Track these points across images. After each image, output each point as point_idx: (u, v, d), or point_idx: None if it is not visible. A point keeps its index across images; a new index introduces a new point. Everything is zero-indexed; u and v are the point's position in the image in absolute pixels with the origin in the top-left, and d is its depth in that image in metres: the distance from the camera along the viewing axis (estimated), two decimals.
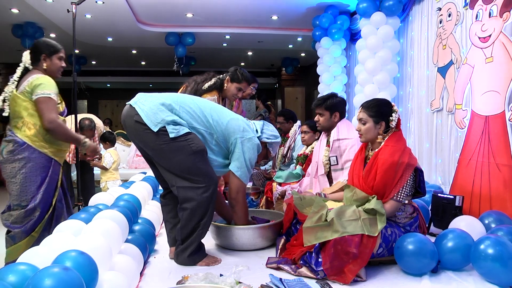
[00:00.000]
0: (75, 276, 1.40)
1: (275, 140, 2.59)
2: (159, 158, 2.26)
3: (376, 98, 2.46)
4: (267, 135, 2.56)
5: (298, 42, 7.64)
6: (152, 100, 2.26)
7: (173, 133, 2.18)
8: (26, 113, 2.48)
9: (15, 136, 2.47)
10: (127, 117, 2.27)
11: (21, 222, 2.46)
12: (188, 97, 2.40)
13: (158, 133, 2.18)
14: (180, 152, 2.19)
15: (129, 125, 2.27)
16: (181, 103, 2.29)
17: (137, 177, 4.24)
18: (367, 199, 2.27)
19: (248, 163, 2.38)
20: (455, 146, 3.46)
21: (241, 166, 2.36)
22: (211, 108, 2.36)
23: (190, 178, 2.22)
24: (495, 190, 2.88)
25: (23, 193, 2.46)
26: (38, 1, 5.10)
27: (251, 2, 5.49)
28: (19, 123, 2.48)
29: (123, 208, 2.48)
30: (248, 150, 2.36)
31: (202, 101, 2.40)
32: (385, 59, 4.55)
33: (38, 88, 2.45)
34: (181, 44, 6.99)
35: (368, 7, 4.63)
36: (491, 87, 2.95)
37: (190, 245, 2.27)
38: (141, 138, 2.25)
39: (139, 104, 2.25)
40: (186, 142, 2.20)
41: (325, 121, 3.03)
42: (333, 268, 2.04)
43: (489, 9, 2.99)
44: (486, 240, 2.03)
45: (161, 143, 2.18)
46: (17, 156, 2.45)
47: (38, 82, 2.47)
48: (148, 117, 2.19)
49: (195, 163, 2.21)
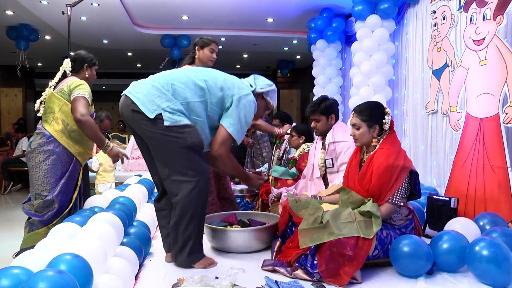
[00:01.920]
0: (69, 280, 1.39)
1: (270, 88, 2.49)
2: (155, 147, 2.22)
3: (368, 102, 2.46)
4: (261, 86, 2.48)
5: (294, 44, 7.66)
6: (146, 86, 2.24)
7: (168, 121, 2.15)
8: (58, 109, 2.72)
9: (44, 129, 2.71)
10: (124, 107, 2.25)
11: (41, 212, 2.62)
12: (179, 72, 2.36)
13: (155, 120, 2.15)
14: (175, 143, 2.16)
15: (126, 115, 2.24)
16: (172, 80, 2.25)
17: (132, 180, 4.23)
18: (363, 201, 2.27)
19: (243, 120, 2.29)
20: (450, 148, 3.48)
21: (234, 123, 2.27)
22: (204, 74, 2.33)
23: (182, 172, 2.19)
24: (489, 192, 2.89)
25: (44, 184, 2.64)
26: (33, 3, 5.08)
27: (246, 4, 5.50)
28: (50, 117, 2.73)
29: (118, 211, 2.47)
30: (244, 107, 2.29)
31: (193, 71, 2.36)
32: (381, 62, 4.57)
33: (76, 89, 2.72)
34: (177, 46, 6.99)
35: (363, 10, 4.66)
36: (485, 90, 2.97)
37: (187, 243, 2.23)
38: (139, 127, 2.22)
39: (133, 92, 2.23)
40: (182, 134, 2.17)
41: (323, 126, 3.02)
42: (328, 270, 2.04)
43: (483, 12, 3.01)
44: (481, 241, 2.04)
45: (157, 131, 2.15)
46: (43, 148, 2.65)
47: (77, 84, 2.75)
48: (144, 104, 2.17)
49: (188, 156, 2.18)
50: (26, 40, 6.23)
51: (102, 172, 4.59)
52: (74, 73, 2.87)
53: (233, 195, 3.27)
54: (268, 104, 2.52)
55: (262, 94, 2.48)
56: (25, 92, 9.36)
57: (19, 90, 9.30)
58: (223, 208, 3.17)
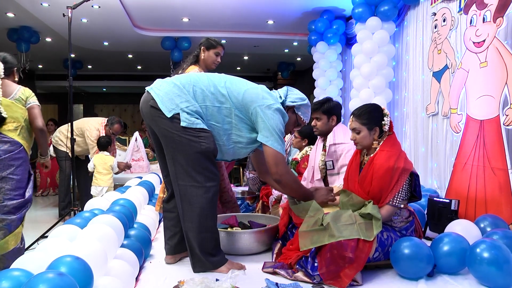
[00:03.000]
0: (70, 282, 1.39)
1: (302, 103, 2.40)
2: (169, 146, 2.19)
3: (366, 105, 2.45)
4: (292, 99, 2.38)
5: (294, 46, 7.66)
6: (168, 84, 2.23)
7: (185, 122, 2.12)
8: (23, 119, 2.81)
9: (10, 138, 2.75)
10: (144, 103, 2.24)
11: (16, 211, 2.70)
12: (204, 75, 2.34)
13: (172, 119, 2.13)
14: (188, 146, 2.13)
15: (145, 111, 2.23)
16: (195, 82, 2.24)
17: (133, 182, 4.23)
18: (363, 203, 2.27)
19: (277, 130, 2.19)
20: (450, 150, 3.48)
21: (269, 135, 2.19)
22: (226, 81, 2.28)
23: (193, 176, 2.15)
24: (490, 194, 2.89)
25: (19, 188, 2.75)
26: (34, 5, 5.09)
27: (247, 6, 5.51)
28: (14, 126, 2.77)
29: (119, 213, 2.47)
30: (272, 116, 2.19)
31: (216, 76, 2.33)
32: (381, 64, 4.57)
33: (31, 97, 2.88)
34: (177, 48, 7.00)
35: (363, 12, 4.66)
36: (486, 92, 2.97)
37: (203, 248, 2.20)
38: (155, 123, 2.20)
39: (155, 89, 2.22)
40: (197, 138, 2.13)
41: (322, 125, 3.03)
42: (329, 272, 2.04)
43: (482, 14, 3.01)
44: (481, 244, 2.04)
45: (174, 131, 2.13)
46: (15, 156, 2.74)
47: (30, 92, 2.90)
48: (163, 102, 2.16)
49: (200, 161, 2.15)
50: (27, 42, 6.24)
51: (96, 174, 4.60)
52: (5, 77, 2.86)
53: (234, 198, 3.26)
54: (299, 119, 2.44)
55: (293, 108, 2.41)
56: None
57: None
58: (225, 211, 3.16)
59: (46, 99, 12.00)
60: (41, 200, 6.28)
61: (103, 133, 4.94)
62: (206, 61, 3.17)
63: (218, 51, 3.19)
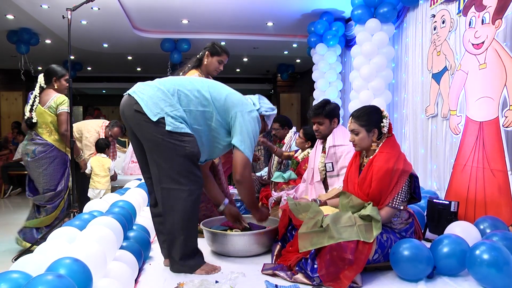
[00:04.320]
0: (69, 284, 1.38)
1: (272, 113, 2.58)
2: (153, 150, 2.19)
3: (365, 106, 2.45)
4: (265, 108, 2.54)
5: (294, 48, 7.67)
6: (151, 88, 2.23)
7: (170, 126, 2.13)
8: (52, 123, 3.49)
9: (43, 140, 3.49)
10: (126, 107, 2.23)
11: (51, 200, 3.51)
12: (186, 79, 2.36)
13: (157, 123, 2.13)
14: (173, 150, 2.14)
15: (128, 115, 2.22)
16: (178, 86, 2.25)
17: (132, 184, 4.23)
18: (363, 205, 2.27)
19: (251, 135, 2.29)
20: (450, 151, 3.48)
21: (243, 139, 2.27)
22: (209, 86, 2.32)
23: (177, 179, 2.16)
24: (490, 196, 2.89)
25: (52, 180, 3.51)
26: (34, 7, 5.10)
27: (246, 8, 5.52)
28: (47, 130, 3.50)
29: (118, 215, 2.47)
30: (250, 122, 2.30)
31: (199, 80, 2.37)
32: (380, 66, 4.58)
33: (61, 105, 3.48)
34: (177, 50, 7.00)
35: (363, 13, 4.67)
36: (485, 93, 2.97)
37: (183, 251, 2.22)
38: (139, 127, 2.20)
39: (138, 93, 2.21)
40: (182, 142, 2.15)
41: (325, 129, 3.02)
42: (329, 274, 2.04)
43: (481, 16, 3.02)
44: (481, 245, 2.03)
45: (158, 135, 2.14)
46: (48, 155, 3.47)
47: (62, 100, 3.50)
48: (148, 106, 2.16)
49: (185, 165, 2.16)
50: (27, 44, 6.25)
51: (93, 177, 4.58)
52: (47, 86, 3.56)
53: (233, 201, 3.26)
54: (265, 127, 2.63)
55: (263, 116, 2.56)
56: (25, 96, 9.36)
57: (19, 94, 9.31)
58: None
59: None
60: None
61: (103, 135, 4.94)
62: (208, 67, 3.09)
63: (222, 59, 3.10)
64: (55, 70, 3.60)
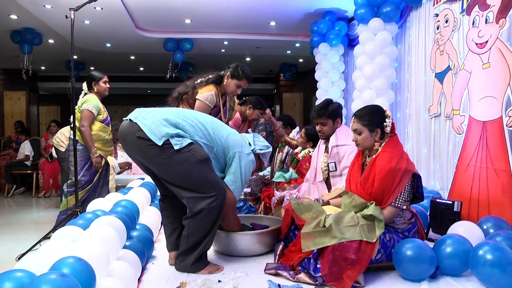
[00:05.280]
0: (72, 283, 1.39)
1: (267, 151, 2.63)
2: (164, 173, 2.22)
3: (368, 106, 2.45)
4: (260, 146, 2.59)
5: (296, 48, 7.66)
6: (154, 115, 2.24)
7: (178, 145, 2.16)
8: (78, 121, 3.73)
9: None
10: (128, 134, 2.23)
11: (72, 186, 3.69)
12: (188, 111, 2.41)
13: (162, 147, 2.15)
14: (185, 163, 2.17)
15: (130, 142, 2.23)
16: (183, 116, 2.29)
17: (135, 183, 4.24)
18: (366, 205, 2.27)
19: (243, 178, 2.39)
20: (453, 151, 3.47)
21: (236, 180, 2.37)
22: (211, 122, 2.38)
23: (198, 189, 2.20)
24: (493, 196, 2.88)
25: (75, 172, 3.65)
26: (37, 7, 5.10)
27: (249, 8, 5.51)
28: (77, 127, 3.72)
29: (121, 214, 2.47)
30: (245, 165, 2.39)
31: (201, 115, 2.41)
32: (383, 65, 4.57)
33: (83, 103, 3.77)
34: (180, 50, 7.00)
35: (365, 13, 4.66)
36: (488, 93, 2.96)
37: (194, 253, 2.24)
38: (144, 154, 2.21)
39: (141, 119, 2.22)
40: (190, 153, 2.18)
41: (329, 129, 3.02)
42: (331, 274, 2.04)
43: (485, 15, 3.00)
44: (484, 245, 2.03)
45: (165, 157, 2.16)
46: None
47: (85, 99, 3.81)
48: (152, 131, 2.17)
49: (201, 172, 2.19)
50: (30, 44, 6.25)
51: None
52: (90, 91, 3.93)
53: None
54: (262, 164, 2.67)
55: (259, 155, 2.61)
56: (29, 95, 9.38)
57: (23, 94, 9.33)
58: None
59: (49, 101, 12.05)
60: (44, 201, 6.29)
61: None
62: (226, 87, 3.04)
63: (241, 84, 3.05)
64: (93, 75, 3.95)
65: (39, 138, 7.52)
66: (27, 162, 7.01)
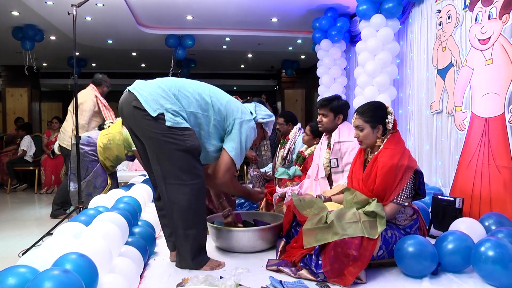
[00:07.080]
0: (75, 279, 1.40)
1: (270, 119, 2.56)
2: (152, 147, 2.20)
3: (370, 102, 2.45)
4: (262, 116, 2.53)
5: (298, 44, 7.64)
6: (151, 85, 2.23)
7: (170, 122, 2.14)
8: None
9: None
10: (125, 103, 2.24)
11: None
12: (187, 81, 2.37)
13: (156, 119, 2.14)
14: (174, 145, 2.14)
15: (126, 112, 2.23)
16: (180, 87, 2.26)
17: (137, 180, 4.25)
18: (367, 201, 2.27)
19: (243, 144, 2.34)
20: (455, 148, 3.46)
21: (236, 147, 2.32)
22: (210, 90, 2.35)
23: (179, 175, 2.17)
24: (495, 192, 2.88)
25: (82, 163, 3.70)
26: (39, 4, 5.10)
27: (251, 4, 5.50)
28: None
29: (123, 211, 2.48)
30: (245, 131, 2.34)
31: (201, 84, 2.38)
32: (385, 61, 4.55)
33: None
34: (181, 46, 6.99)
35: (368, 9, 4.64)
36: (491, 89, 2.96)
37: (189, 249, 2.23)
38: (138, 124, 2.20)
39: (138, 89, 2.21)
40: (182, 137, 2.16)
41: (328, 122, 3.02)
42: (333, 270, 2.04)
43: (488, 11, 2.99)
44: (486, 242, 2.03)
45: (158, 131, 2.14)
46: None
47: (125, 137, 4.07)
48: (147, 102, 2.16)
49: (186, 160, 2.17)
50: (32, 40, 6.25)
51: None
52: None
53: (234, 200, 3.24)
54: (265, 134, 2.61)
55: (261, 124, 2.55)
56: (31, 92, 9.38)
57: (25, 90, 9.33)
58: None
59: (51, 97, 12.05)
60: (46, 198, 6.31)
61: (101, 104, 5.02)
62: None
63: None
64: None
65: (41, 134, 7.54)
66: (28, 159, 7.02)
